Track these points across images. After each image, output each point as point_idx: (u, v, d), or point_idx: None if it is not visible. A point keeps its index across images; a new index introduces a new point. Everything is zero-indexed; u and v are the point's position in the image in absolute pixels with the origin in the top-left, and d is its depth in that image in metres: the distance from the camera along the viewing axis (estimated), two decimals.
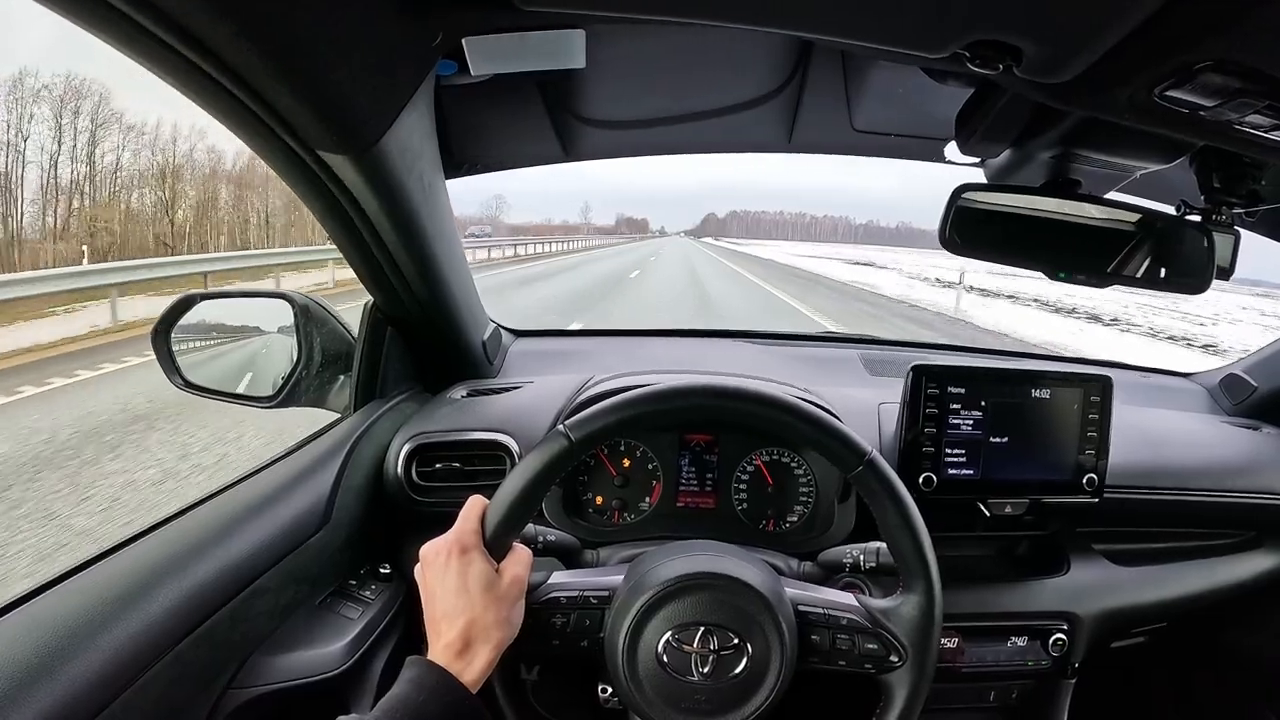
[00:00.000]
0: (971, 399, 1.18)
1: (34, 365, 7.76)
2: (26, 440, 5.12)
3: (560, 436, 0.84)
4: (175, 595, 0.83)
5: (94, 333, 9.60)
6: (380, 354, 1.29)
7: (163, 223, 26.40)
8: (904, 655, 0.85)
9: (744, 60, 1.23)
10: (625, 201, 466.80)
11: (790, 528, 1.26)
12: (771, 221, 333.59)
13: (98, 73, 28.61)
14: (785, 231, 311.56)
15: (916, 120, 1.32)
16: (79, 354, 8.31)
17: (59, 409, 5.95)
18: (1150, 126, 0.81)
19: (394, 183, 0.95)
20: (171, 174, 25.05)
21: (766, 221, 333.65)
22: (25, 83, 25.20)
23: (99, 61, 26.56)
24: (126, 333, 9.56)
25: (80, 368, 7.48)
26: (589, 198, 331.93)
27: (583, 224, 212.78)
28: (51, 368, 7.54)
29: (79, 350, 8.56)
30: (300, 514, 1.05)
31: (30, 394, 6.49)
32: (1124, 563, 1.31)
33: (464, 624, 0.77)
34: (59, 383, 6.90)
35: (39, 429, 5.38)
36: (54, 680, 0.68)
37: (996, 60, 0.71)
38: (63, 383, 6.91)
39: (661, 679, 0.82)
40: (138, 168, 25.45)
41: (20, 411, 5.93)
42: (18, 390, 6.57)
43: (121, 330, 9.74)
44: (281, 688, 0.94)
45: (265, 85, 0.72)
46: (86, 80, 25.86)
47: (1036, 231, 1.03)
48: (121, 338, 9.23)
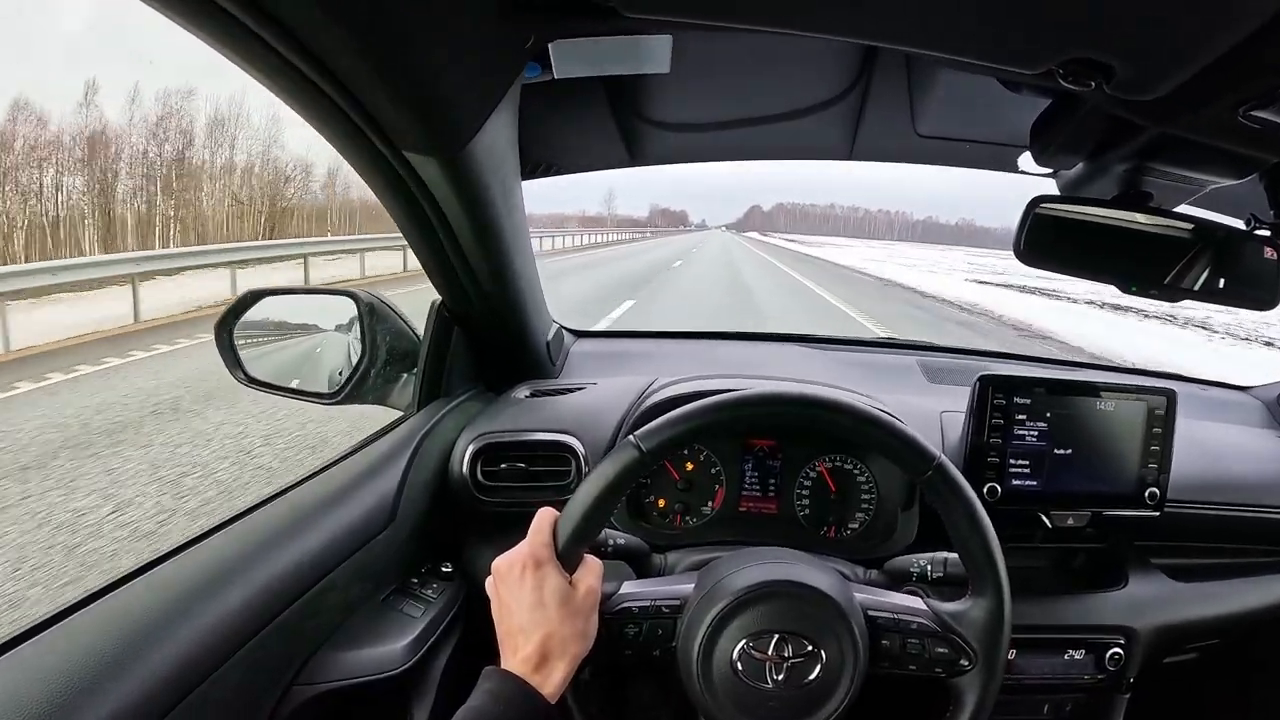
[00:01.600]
0: (1036, 410, 1.17)
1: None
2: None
3: (631, 447, 0.84)
4: (248, 591, 0.84)
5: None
6: (446, 353, 1.30)
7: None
8: (974, 659, 0.85)
9: (809, 64, 1.23)
10: (663, 193, 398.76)
11: (851, 534, 1.26)
12: (821, 216, 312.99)
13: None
14: (836, 227, 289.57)
15: (983, 127, 1.31)
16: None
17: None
18: (1230, 144, 0.81)
19: (478, 185, 0.96)
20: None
21: (815, 216, 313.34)
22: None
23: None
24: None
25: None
26: (619, 186, 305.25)
27: (606, 215, 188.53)
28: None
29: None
30: (367, 511, 1.06)
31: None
32: (1182, 578, 1.30)
33: (541, 638, 0.77)
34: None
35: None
36: (127, 676, 0.69)
37: (1088, 77, 0.71)
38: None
39: (736, 686, 0.82)
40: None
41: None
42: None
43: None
44: (345, 685, 0.94)
45: (362, 87, 0.73)
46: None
47: (1109, 244, 1.02)
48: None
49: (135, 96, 24.84)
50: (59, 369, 6.97)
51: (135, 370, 7.08)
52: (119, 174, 23.96)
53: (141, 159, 24.74)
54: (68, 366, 7.08)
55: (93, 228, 22.69)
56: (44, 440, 4.91)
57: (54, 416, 5.45)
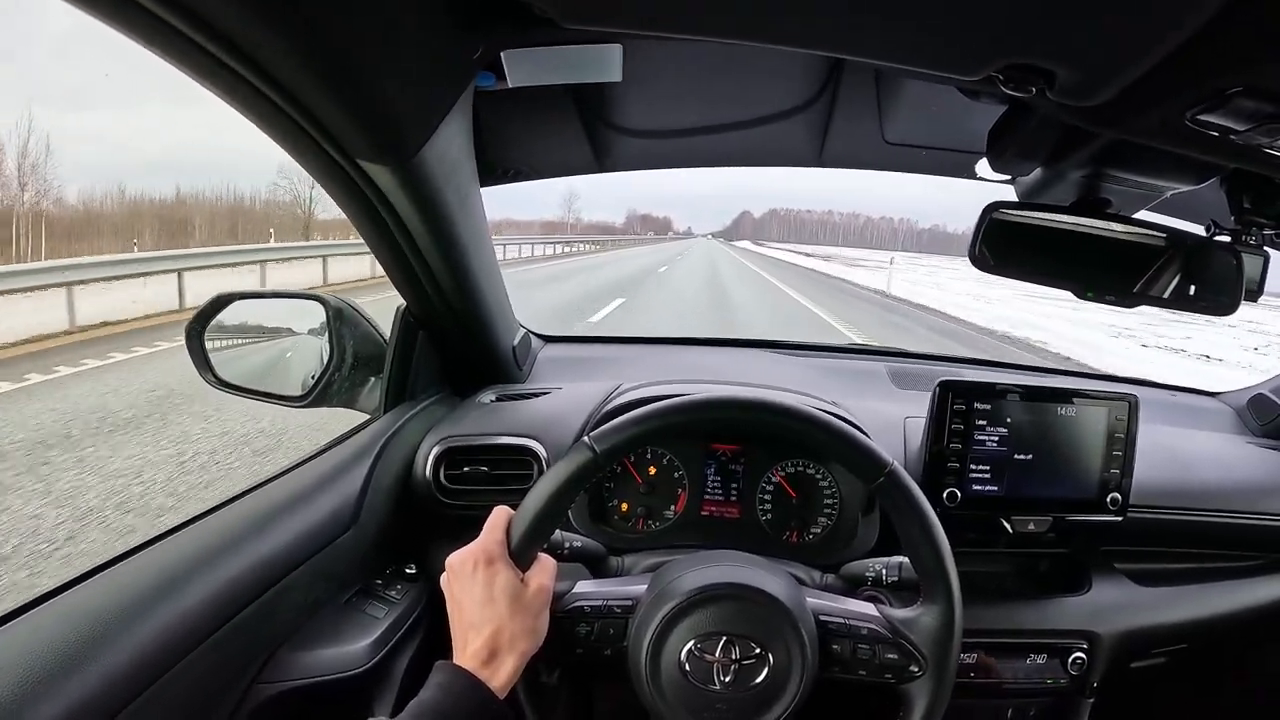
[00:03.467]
0: (997, 415, 1.18)
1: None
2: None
3: (585, 448, 0.85)
4: (206, 590, 0.84)
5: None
6: (411, 357, 1.31)
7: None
8: (924, 665, 0.86)
9: (777, 72, 1.24)
10: (645, 199, 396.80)
11: (814, 539, 1.26)
12: (818, 223, 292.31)
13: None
14: (835, 235, 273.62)
15: (949, 135, 1.32)
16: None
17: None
18: (1181, 149, 0.81)
19: (431, 192, 0.97)
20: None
21: (812, 223, 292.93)
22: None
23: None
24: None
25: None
26: (594, 190, 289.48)
27: (565, 221, 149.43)
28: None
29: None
30: (330, 513, 1.07)
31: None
32: (1146, 583, 1.30)
33: (490, 633, 0.78)
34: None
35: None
36: (85, 670, 0.70)
37: (1029, 83, 0.72)
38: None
39: (683, 687, 0.83)
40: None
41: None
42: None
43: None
44: (306, 684, 0.95)
45: (308, 95, 0.74)
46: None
47: (1066, 250, 1.03)
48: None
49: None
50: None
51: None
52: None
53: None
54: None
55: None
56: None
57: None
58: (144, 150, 76.62)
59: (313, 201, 45.67)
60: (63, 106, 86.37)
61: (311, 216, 46.30)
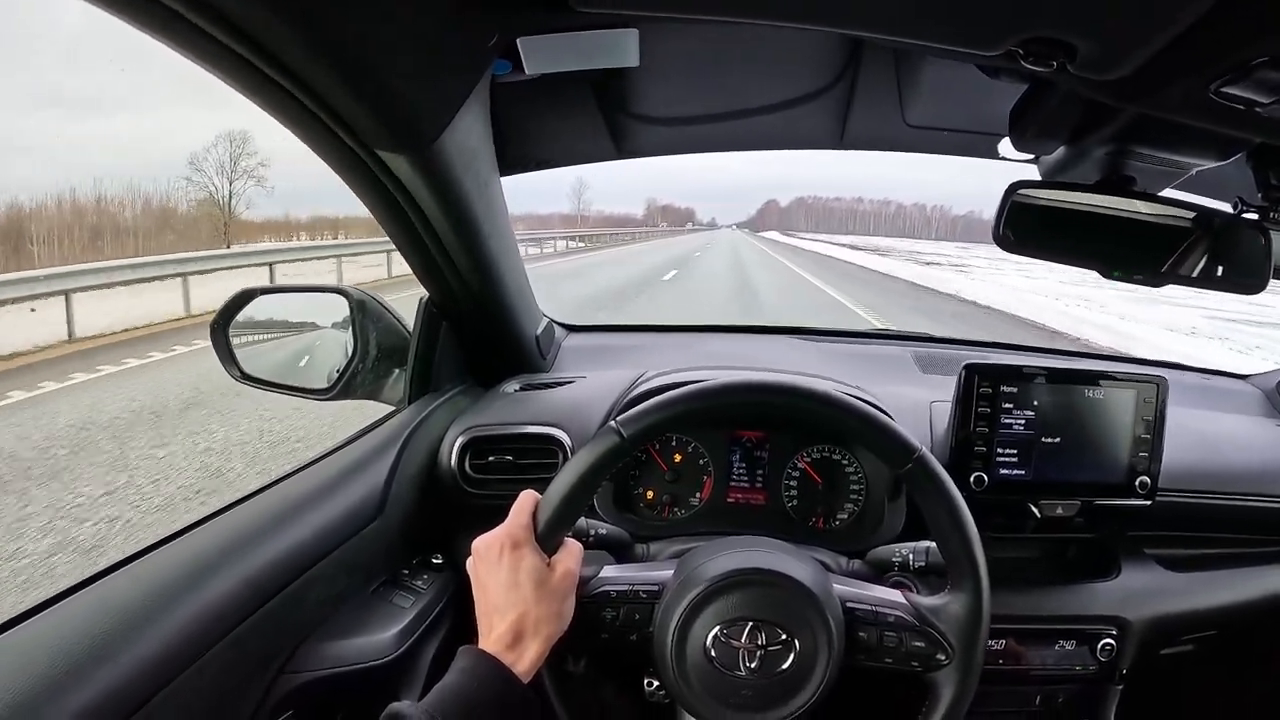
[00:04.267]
0: (1024, 398, 1.16)
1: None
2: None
3: (612, 433, 0.85)
4: (233, 581, 0.86)
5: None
6: (435, 348, 1.32)
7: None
8: (951, 654, 0.85)
9: (796, 56, 1.24)
10: (666, 189, 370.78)
11: (840, 525, 1.26)
12: (847, 211, 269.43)
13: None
14: (865, 224, 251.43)
15: (970, 116, 1.31)
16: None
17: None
18: (1205, 123, 0.80)
19: (450, 181, 0.98)
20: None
21: (841, 211, 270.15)
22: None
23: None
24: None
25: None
26: (611, 181, 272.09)
27: (576, 215, 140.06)
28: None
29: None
30: (355, 504, 1.08)
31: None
32: (1176, 568, 1.29)
33: (515, 617, 0.79)
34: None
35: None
36: (115, 660, 0.71)
37: (1050, 57, 0.71)
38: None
39: (709, 674, 0.83)
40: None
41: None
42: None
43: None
44: (333, 673, 0.96)
45: (325, 86, 0.75)
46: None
47: (1091, 229, 1.02)
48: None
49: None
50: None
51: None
52: None
53: None
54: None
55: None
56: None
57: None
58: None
59: (233, 199, 41.15)
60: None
61: (232, 217, 42.10)
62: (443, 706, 0.72)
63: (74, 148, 74.96)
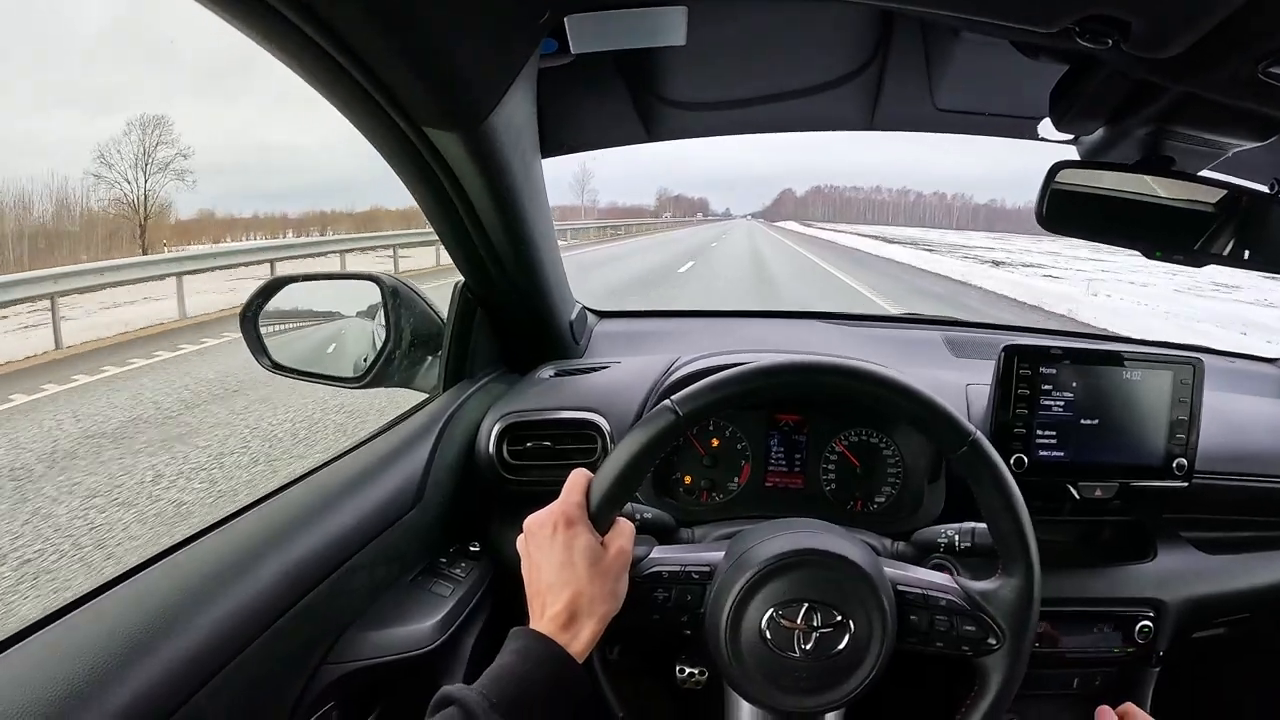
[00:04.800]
0: (1063, 381, 1.16)
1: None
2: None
3: (668, 411, 0.84)
4: (275, 572, 0.85)
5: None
6: (470, 334, 1.31)
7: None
8: (1002, 638, 0.85)
9: (825, 40, 1.23)
10: (678, 179, 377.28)
11: (878, 509, 1.26)
12: (865, 200, 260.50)
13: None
14: (885, 214, 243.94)
15: (1002, 98, 1.31)
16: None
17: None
18: (1252, 103, 0.80)
19: (499, 160, 0.97)
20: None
21: (859, 201, 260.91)
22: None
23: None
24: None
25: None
26: (622, 171, 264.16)
27: (579, 206, 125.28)
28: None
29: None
30: (394, 493, 1.07)
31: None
32: (1211, 550, 1.29)
33: (570, 596, 0.77)
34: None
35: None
36: (153, 658, 0.70)
37: (1105, 35, 0.71)
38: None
39: (764, 655, 0.82)
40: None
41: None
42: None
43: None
44: (375, 663, 0.96)
45: (380, 61, 0.74)
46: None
47: (1132, 210, 1.02)
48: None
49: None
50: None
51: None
52: None
53: None
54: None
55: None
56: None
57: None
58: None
59: (149, 202, 35.71)
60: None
61: (148, 219, 37.02)
62: (497, 687, 0.71)
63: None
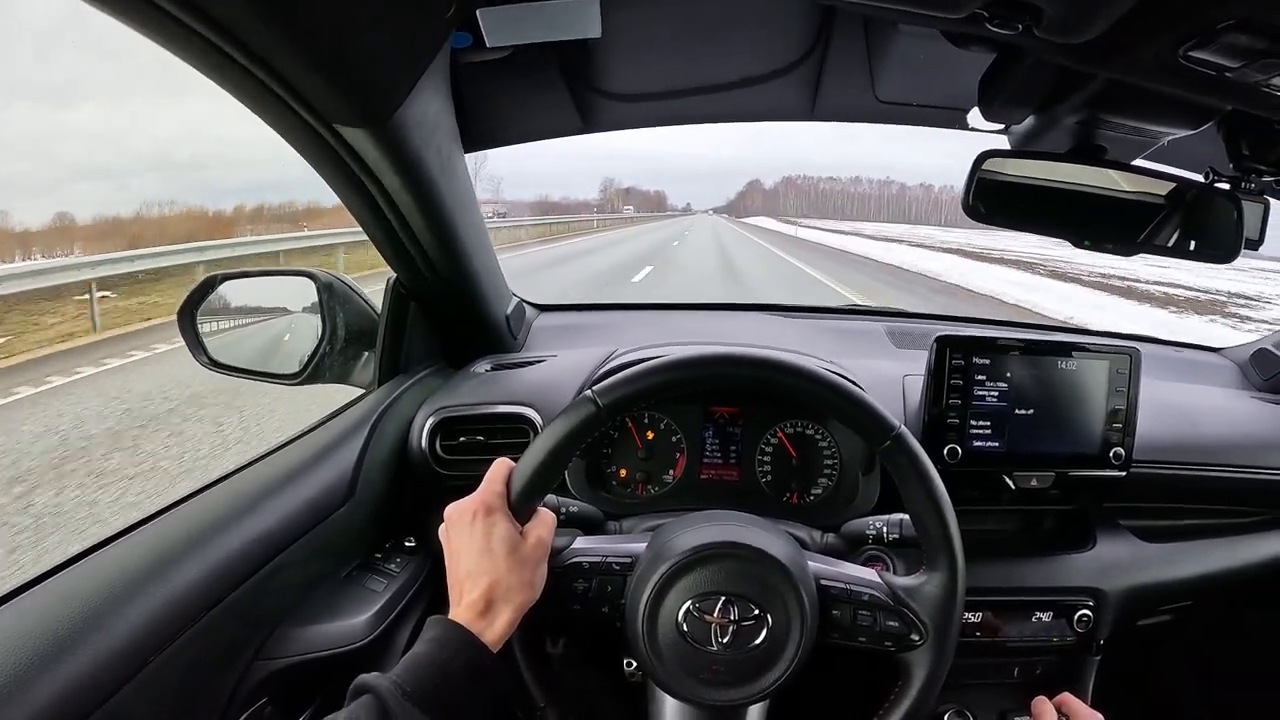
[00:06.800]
0: (997, 370, 1.16)
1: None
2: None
3: (588, 402, 0.84)
4: (199, 570, 0.85)
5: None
6: (403, 329, 1.30)
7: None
8: (925, 634, 0.84)
9: (765, 30, 1.23)
10: (631, 171, 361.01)
11: (814, 500, 1.26)
12: (842, 193, 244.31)
13: None
14: (865, 208, 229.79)
15: (940, 89, 1.30)
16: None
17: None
18: (1176, 89, 0.80)
19: (411, 155, 0.96)
20: None
21: (836, 193, 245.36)
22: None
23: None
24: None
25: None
26: (568, 163, 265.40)
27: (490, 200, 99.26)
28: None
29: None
30: (324, 489, 1.06)
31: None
32: (1151, 539, 1.29)
33: (487, 584, 0.77)
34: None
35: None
36: (79, 652, 0.70)
37: (1015, 20, 0.70)
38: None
39: (681, 648, 0.82)
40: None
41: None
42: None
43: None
44: (308, 659, 0.96)
45: (280, 60, 0.73)
46: None
47: (1061, 199, 1.01)
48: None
49: None
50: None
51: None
52: None
53: None
54: None
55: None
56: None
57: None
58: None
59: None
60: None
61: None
62: (412, 676, 0.71)
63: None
